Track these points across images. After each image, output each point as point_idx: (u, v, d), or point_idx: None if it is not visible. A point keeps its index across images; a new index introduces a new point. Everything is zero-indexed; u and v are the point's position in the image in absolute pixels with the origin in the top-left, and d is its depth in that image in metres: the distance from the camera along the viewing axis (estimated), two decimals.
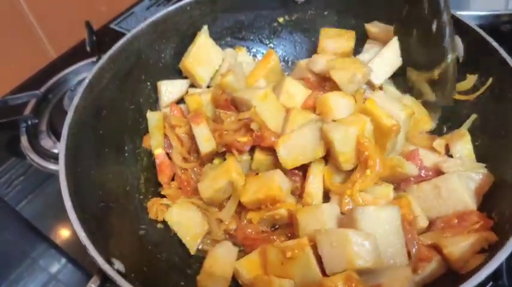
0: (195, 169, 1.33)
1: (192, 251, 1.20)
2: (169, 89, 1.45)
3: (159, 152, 1.35)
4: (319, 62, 1.34)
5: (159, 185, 1.35)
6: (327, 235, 0.97)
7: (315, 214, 1.07)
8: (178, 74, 1.50)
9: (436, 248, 1.04)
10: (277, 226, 1.22)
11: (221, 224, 1.23)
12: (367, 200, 1.10)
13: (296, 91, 1.28)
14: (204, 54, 1.45)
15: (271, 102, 1.23)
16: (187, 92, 1.47)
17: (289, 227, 1.17)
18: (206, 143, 1.27)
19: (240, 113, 1.23)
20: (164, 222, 1.26)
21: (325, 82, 1.31)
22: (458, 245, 1.00)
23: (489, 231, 1.02)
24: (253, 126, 1.20)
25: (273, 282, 1.01)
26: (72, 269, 1.34)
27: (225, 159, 1.27)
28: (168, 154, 1.36)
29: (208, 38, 1.47)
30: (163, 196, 1.32)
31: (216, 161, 1.30)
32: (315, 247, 0.99)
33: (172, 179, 1.35)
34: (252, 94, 1.21)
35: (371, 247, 0.93)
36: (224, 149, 1.26)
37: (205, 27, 1.49)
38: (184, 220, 1.22)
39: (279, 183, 1.14)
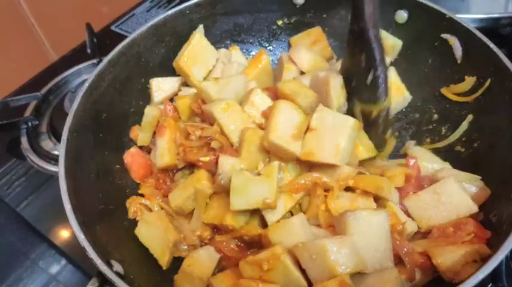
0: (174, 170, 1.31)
1: (164, 267, 1.14)
2: (160, 87, 1.43)
3: (130, 150, 1.34)
4: (301, 57, 1.39)
5: None
6: (304, 249, 0.96)
7: (286, 229, 1.03)
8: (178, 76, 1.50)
9: (427, 256, 1.03)
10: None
11: (194, 231, 1.18)
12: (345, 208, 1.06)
13: (261, 102, 1.24)
14: (199, 54, 1.43)
15: (235, 114, 1.19)
16: (180, 90, 1.45)
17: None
18: (160, 157, 1.24)
19: (204, 130, 1.21)
20: None
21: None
22: (449, 256, 0.98)
23: (482, 244, 1.00)
24: (214, 144, 1.17)
25: None
26: (72, 271, 1.34)
27: (192, 172, 1.24)
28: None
29: (203, 37, 1.45)
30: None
31: (186, 172, 1.28)
32: (296, 261, 0.97)
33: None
34: (215, 106, 1.18)
35: (349, 251, 0.93)
36: (186, 164, 1.24)
37: (200, 27, 1.49)
38: (153, 236, 1.16)
39: (234, 213, 1.07)
